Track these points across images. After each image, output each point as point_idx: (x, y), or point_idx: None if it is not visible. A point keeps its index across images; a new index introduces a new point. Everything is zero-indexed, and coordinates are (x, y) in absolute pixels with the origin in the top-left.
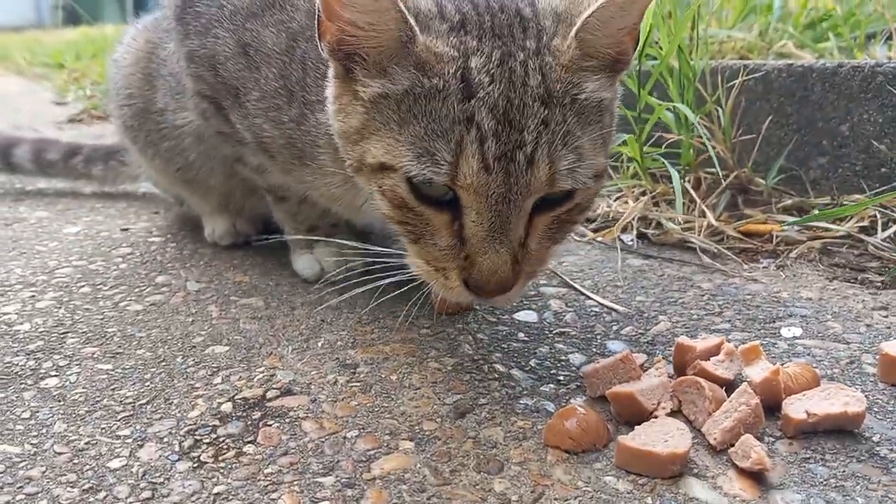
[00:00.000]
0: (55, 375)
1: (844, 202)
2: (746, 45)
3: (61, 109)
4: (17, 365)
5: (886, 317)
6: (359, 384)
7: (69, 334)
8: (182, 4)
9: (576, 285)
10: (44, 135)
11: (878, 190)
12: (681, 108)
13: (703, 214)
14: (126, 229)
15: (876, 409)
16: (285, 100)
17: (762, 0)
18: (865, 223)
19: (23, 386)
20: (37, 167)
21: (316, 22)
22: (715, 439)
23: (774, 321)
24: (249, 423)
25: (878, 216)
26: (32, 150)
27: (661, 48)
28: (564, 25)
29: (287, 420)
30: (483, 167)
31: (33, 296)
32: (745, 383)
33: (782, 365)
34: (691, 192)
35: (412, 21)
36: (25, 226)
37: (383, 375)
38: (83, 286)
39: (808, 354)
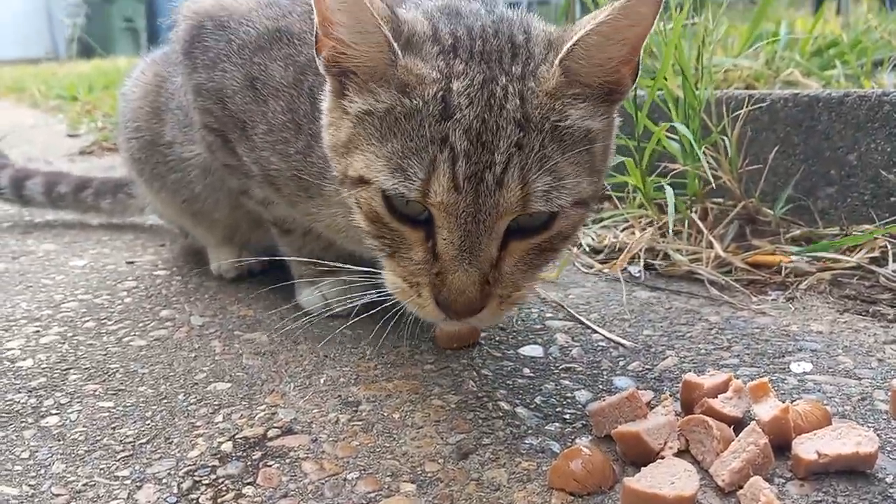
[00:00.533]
0: (56, 413)
1: (854, 232)
2: (753, 73)
3: (74, 141)
4: (18, 402)
5: None
6: (360, 423)
7: (72, 370)
8: (190, 39)
9: (582, 318)
10: (56, 167)
11: (887, 220)
12: (680, 128)
13: (710, 245)
14: (132, 262)
15: (889, 449)
16: (292, 132)
17: (768, 28)
18: (876, 254)
19: (23, 424)
20: (48, 200)
21: (314, 38)
22: (723, 481)
23: (784, 356)
24: (249, 463)
25: (889, 247)
26: (44, 182)
27: (665, 77)
28: (553, 53)
29: (287, 460)
30: (453, 186)
31: (38, 331)
32: (754, 422)
33: (792, 402)
34: (698, 222)
35: (394, 44)
36: (33, 259)
37: (385, 413)
38: (88, 321)
39: (819, 391)
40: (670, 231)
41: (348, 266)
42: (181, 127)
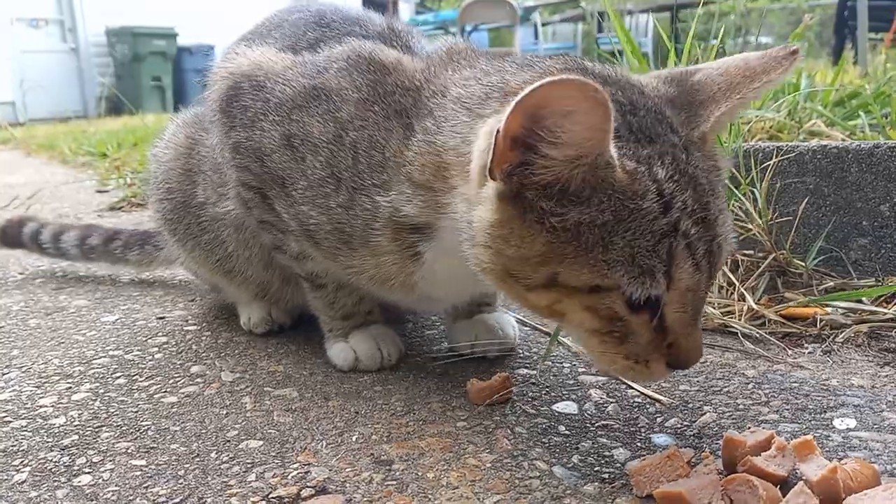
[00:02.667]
0: (88, 472)
1: (890, 283)
2: (776, 124)
3: (103, 197)
4: (50, 461)
5: None
6: (394, 482)
7: (104, 428)
8: (228, 98)
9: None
10: (88, 222)
11: None
12: None
13: (742, 298)
14: (162, 318)
15: None
16: (332, 187)
17: (788, 79)
18: None
19: (56, 483)
20: (80, 252)
21: (491, 148)
22: None
23: (826, 411)
24: None
25: None
26: (78, 236)
27: None
28: (688, 116)
29: None
30: (695, 269)
31: (69, 387)
32: (802, 482)
33: (839, 460)
34: (729, 275)
35: (615, 152)
36: (65, 315)
37: (420, 473)
38: (119, 377)
39: (865, 448)
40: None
41: (380, 323)
42: (215, 187)
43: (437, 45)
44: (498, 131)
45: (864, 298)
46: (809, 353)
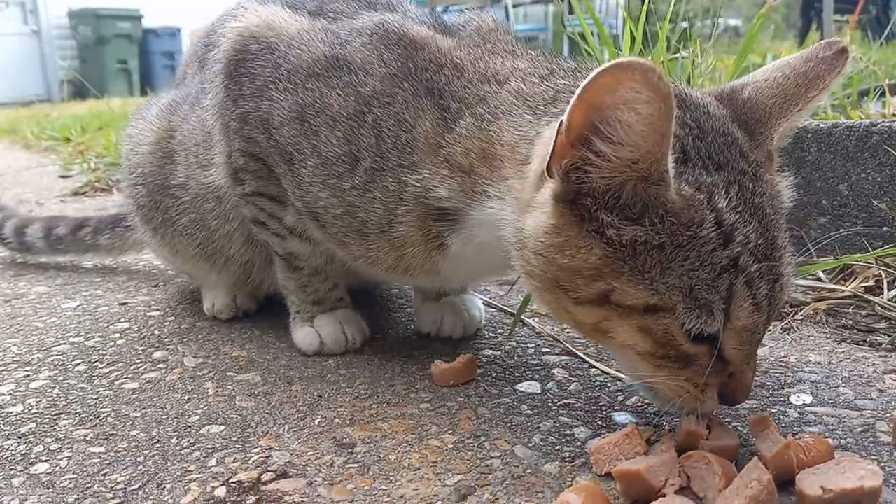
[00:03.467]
0: (45, 460)
1: (847, 262)
2: None
3: (66, 182)
4: (7, 449)
5: None
6: (356, 465)
7: (62, 416)
8: (235, 63)
9: (579, 353)
10: (47, 209)
11: (880, 248)
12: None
13: None
14: (125, 303)
15: (893, 482)
16: (348, 167)
17: (754, 61)
18: (871, 283)
19: (12, 472)
20: (47, 245)
21: (553, 142)
22: None
23: (783, 388)
24: None
25: (884, 275)
26: (43, 227)
27: None
28: (749, 134)
29: None
30: (755, 310)
31: (28, 375)
32: (756, 458)
33: (794, 435)
34: None
35: (671, 165)
36: (24, 302)
37: (382, 455)
38: (79, 364)
39: (820, 423)
40: None
41: (347, 308)
42: (200, 161)
43: (461, 20)
44: (561, 123)
45: (822, 277)
46: (770, 330)
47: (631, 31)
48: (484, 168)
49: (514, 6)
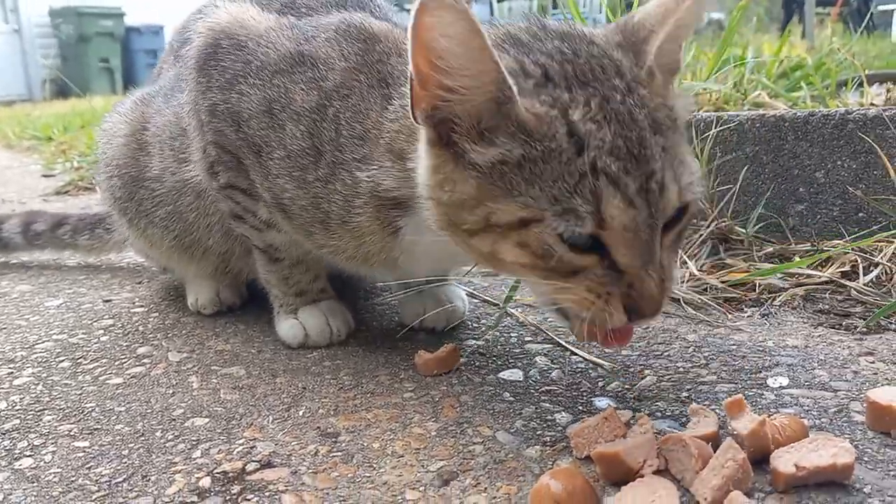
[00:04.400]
0: (30, 455)
1: (824, 248)
2: (722, 96)
3: (49, 181)
4: None
5: (873, 362)
6: (340, 454)
7: (46, 411)
8: (205, 56)
9: (561, 341)
10: (28, 208)
11: (856, 234)
12: None
13: (684, 265)
14: (109, 300)
15: (866, 459)
16: (312, 159)
17: (735, 52)
18: (847, 268)
19: None
20: (25, 240)
21: (409, 90)
22: (705, 499)
23: (760, 371)
24: (228, 498)
25: (859, 261)
26: (21, 223)
27: None
28: (634, 55)
29: (267, 494)
30: (628, 205)
31: (11, 372)
32: (730, 438)
33: (770, 416)
34: None
35: (511, 81)
36: (7, 300)
37: (365, 444)
38: (63, 361)
39: (796, 404)
40: None
41: (331, 300)
42: (176, 154)
43: None
44: (410, 73)
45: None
46: (748, 316)
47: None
48: (410, 148)
49: (499, 0)
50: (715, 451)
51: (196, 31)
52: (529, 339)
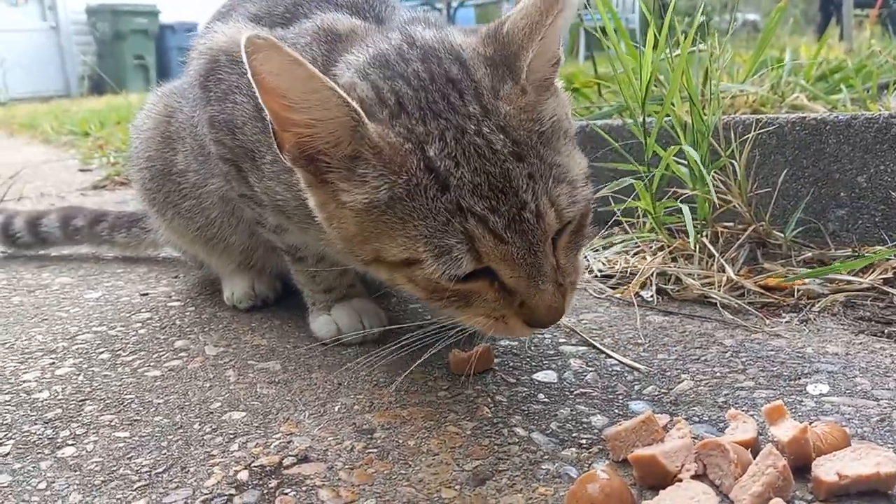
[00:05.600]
0: (72, 444)
1: (866, 254)
2: (759, 98)
3: (86, 176)
4: (34, 434)
5: None
6: (376, 450)
7: (87, 402)
8: (206, 73)
9: (596, 343)
10: (68, 202)
11: None
12: (688, 150)
13: (722, 269)
14: (146, 294)
15: None
16: None
17: (772, 55)
18: (889, 275)
19: (40, 455)
20: (64, 235)
21: (272, 135)
22: None
23: (800, 378)
24: (266, 491)
25: None
26: (60, 217)
27: (672, 104)
28: (504, 70)
29: (304, 488)
30: (499, 241)
31: (53, 363)
32: (770, 444)
33: (810, 424)
34: (709, 246)
35: (354, 104)
36: (48, 292)
37: (401, 441)
38: (102, 352)
39: (837, 412)
40: (691, 242)
41: (362, 296)
42: (195, 155)
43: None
44: (269, 119)
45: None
46: (787, 322)
47: (650, 23)
48: None
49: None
50: (754, 458)
51: (197, 49)
52: (563, 340)
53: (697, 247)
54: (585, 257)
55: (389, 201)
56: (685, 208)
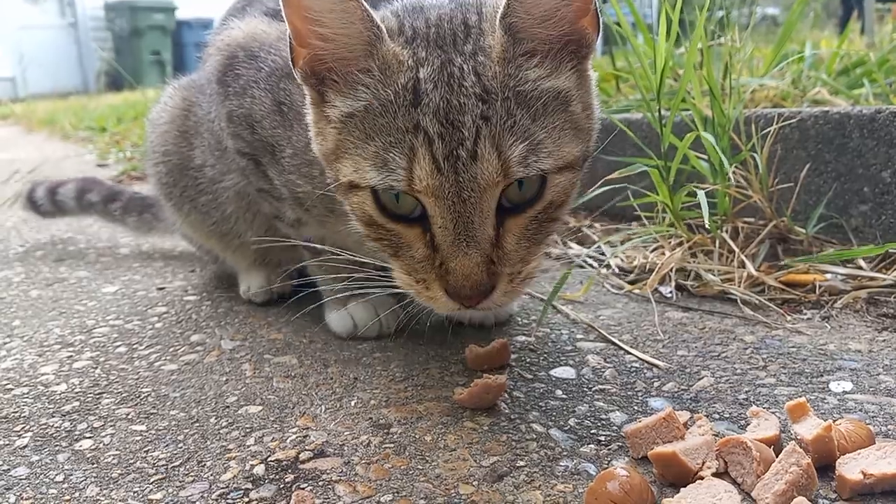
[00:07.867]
0: (89, 437)
1: (890, 250)
2: (780, 92)
3: (103, 171)
4: (52, 426)
5: None
6: (392, 445)
7: (104, 395)
8: (223, 68)
9: (614, 339)
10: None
11: None
12: (708, 138)
13: (742, 265)
14: (162, 288)
15: None
16: (314, 155)
17: (793, 48)
18: None
19: (57, 448)
20: (78, 206)
21: (289, 50)
22: None
23: (822, 375)
24: (282, 486)
25: None
26: (76, 188)
27: (691, 96)
28: (499, 24)
29: (320, 483)
30: (435, 168)
31: (70, 356)
32: (794, 442)
33: (833, 422)
34: (729, 242)
35: (377, 20)
36: (66, 286)
37: (417, 436)
38: (119, 346)
39: (861, 410)
40: (709, 225)
41: (377, 290)
42: (211, 151)
43: None
44: (289, 34)
45: (863, 264)
46: (808, 318)
47: (667, 15)
48: None
49: None
50: (776, 456)
51: (215, 45)
52: (581, 336)
53: (717, 242)
54: (602, 252)
55: (364, 113)
56: (701, 193)
